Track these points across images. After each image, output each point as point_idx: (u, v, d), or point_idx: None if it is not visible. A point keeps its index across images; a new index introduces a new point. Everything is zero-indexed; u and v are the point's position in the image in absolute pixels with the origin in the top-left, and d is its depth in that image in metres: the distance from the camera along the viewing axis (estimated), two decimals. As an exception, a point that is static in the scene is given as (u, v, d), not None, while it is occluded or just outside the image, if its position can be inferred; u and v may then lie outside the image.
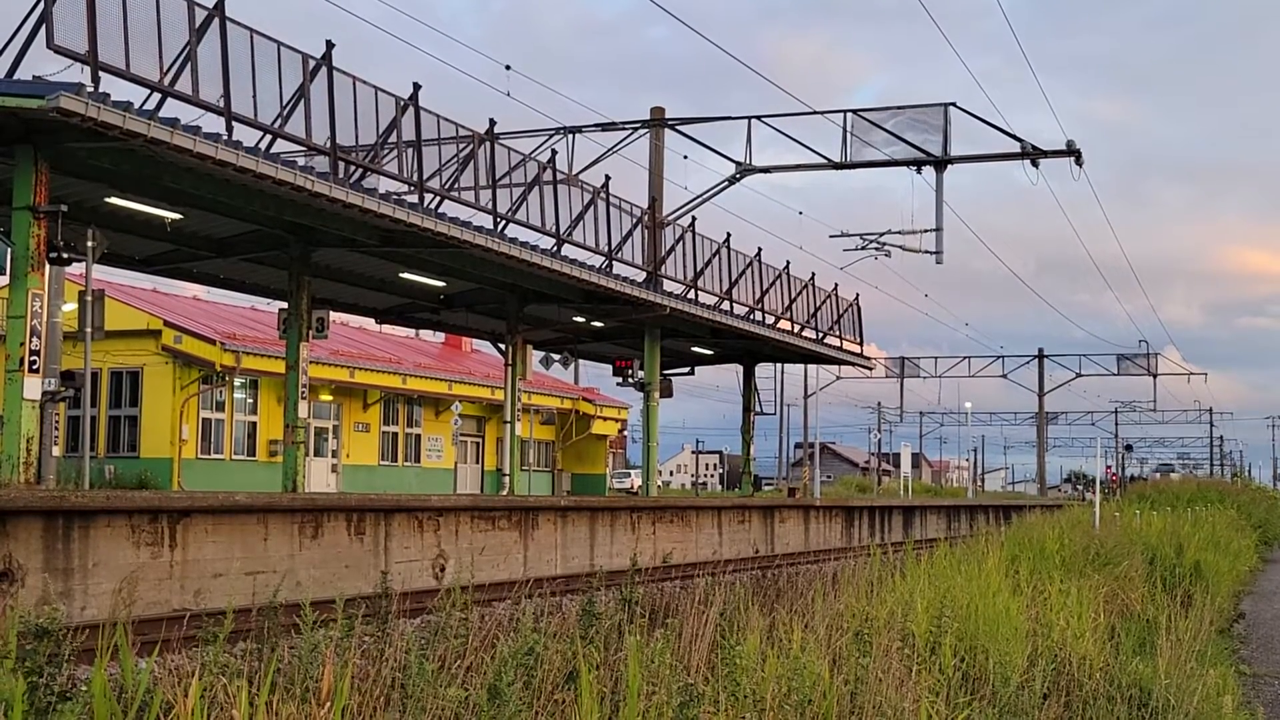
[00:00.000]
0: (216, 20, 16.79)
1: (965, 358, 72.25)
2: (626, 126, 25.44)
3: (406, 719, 5.13)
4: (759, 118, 25.03)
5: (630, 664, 5.46)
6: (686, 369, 40.98)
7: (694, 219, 29.79)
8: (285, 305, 23.37)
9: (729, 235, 30.70)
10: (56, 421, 18.08)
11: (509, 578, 19.62)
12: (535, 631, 6.25)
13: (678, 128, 26.30)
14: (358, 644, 6.29)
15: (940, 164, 24.67)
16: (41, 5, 14.97)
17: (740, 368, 41.18)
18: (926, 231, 26.25)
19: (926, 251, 26.43)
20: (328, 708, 4.71)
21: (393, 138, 20.26)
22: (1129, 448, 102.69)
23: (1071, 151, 24.63)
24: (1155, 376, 69.64)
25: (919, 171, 24.90)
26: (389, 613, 7.20)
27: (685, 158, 29.10)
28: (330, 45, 18.77)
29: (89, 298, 18.41)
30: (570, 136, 24.77)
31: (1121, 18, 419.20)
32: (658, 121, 25.67)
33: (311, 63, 18.58)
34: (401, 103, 20.39)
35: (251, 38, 17.57)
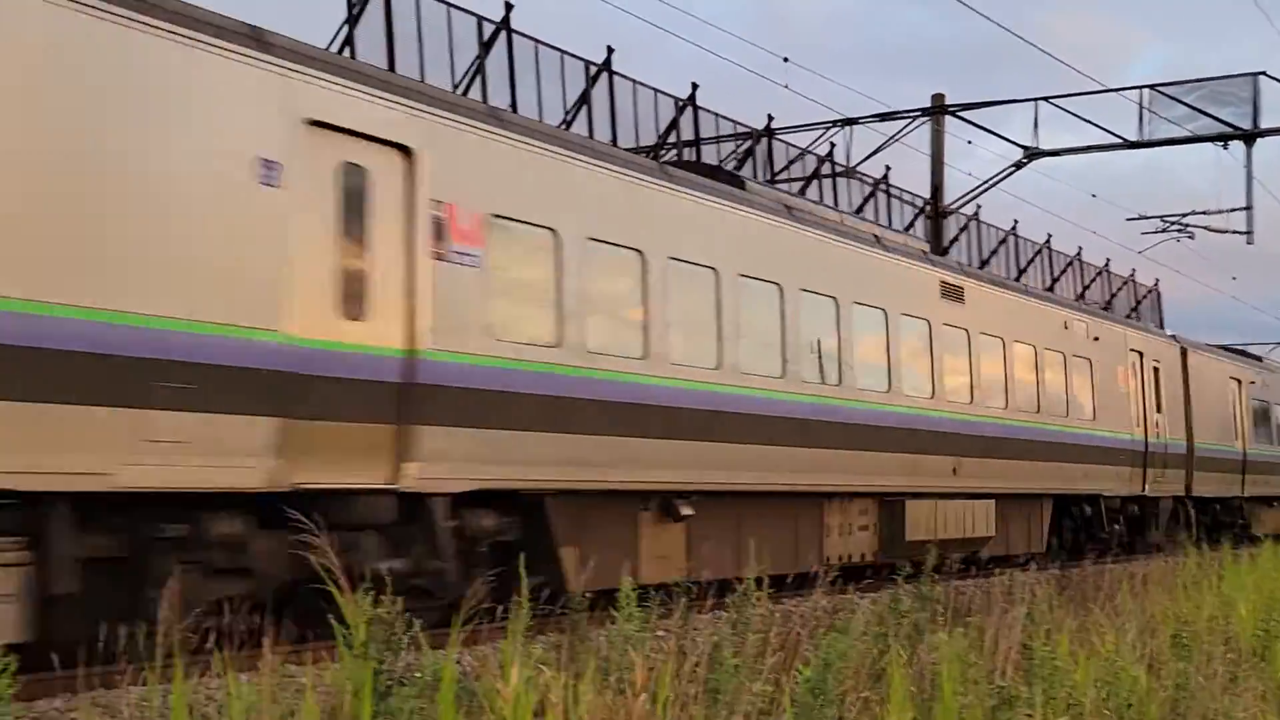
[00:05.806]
0: (503, 34, 17.47)
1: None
2: (905, 115, 24.87)
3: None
4: (1046, 99, 23.96)
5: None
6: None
7: (978, 206, 28.92)
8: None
9: (1015, 222, 29.68)
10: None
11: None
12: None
13: (959, 113, 25.53)
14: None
15: (1250, 138, 23.00)
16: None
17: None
18: (1234, 211, 24.56)
19: (1235, 232, 24.75)
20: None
21: (672, 137, 20.56)
22: None
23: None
24: None
25: (1226, 147, 23.28)
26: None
27: (969, 143, 28.09)
28: (610, 51, 19.23)
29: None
30: (848, 129, 24.43)
31: None
32: (939, 109, 24.96)
33: (593, 69, 19.09)
34: (680, 103, 20.67)
35: (536, 49, 18.22)
